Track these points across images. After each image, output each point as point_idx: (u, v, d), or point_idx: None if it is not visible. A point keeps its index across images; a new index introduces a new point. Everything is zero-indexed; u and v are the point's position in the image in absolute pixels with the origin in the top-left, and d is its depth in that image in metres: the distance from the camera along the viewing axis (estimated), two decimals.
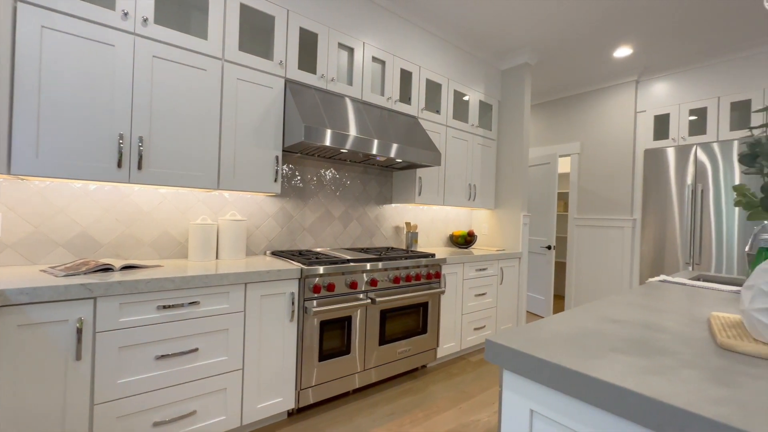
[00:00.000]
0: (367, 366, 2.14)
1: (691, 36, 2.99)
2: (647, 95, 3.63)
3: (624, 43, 3.13)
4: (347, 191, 2.70)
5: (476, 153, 3.28)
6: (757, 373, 0.69)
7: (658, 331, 0.93)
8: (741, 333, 0.89)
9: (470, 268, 2.78)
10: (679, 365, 0.71)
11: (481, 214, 3.63)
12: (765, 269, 0.83)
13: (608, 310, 1.14)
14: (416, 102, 2.75)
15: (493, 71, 3.44)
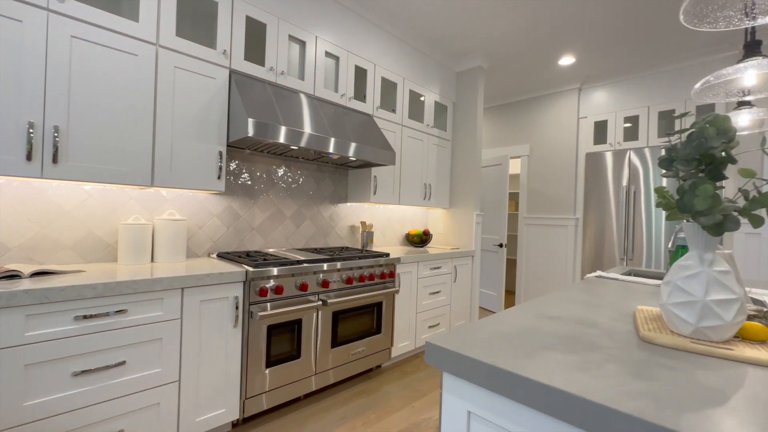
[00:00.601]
0: (319, 369, 2.08)
1: (626, 49, 3.23)
2: (588, 102, 3.88)
3: (568, 53, 3.32)
4: (300, 189, 2.61)
5: (432, 153, 3.32)
6: (672, 365, 0.73)
7: (589, 327, 0.98)
8: (661, 326, 0.95)
9: (425, 267, 2.80)
10: (605, 360, 0.74)
11: (436, 213, 3.68)
12: (680, 266, 0.89)
13: (547, 307, 1.18)
14: (371, 100, 2.73)
15: (448, 73, 3.50)
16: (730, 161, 0.80)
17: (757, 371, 0.72)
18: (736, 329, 0.82)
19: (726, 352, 0.78)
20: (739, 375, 0.69)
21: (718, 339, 0.83)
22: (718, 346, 0.80)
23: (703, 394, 0.60)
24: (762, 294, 1.49)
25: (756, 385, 0.65)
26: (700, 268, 0.85)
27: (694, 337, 0.85)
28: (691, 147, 0.76)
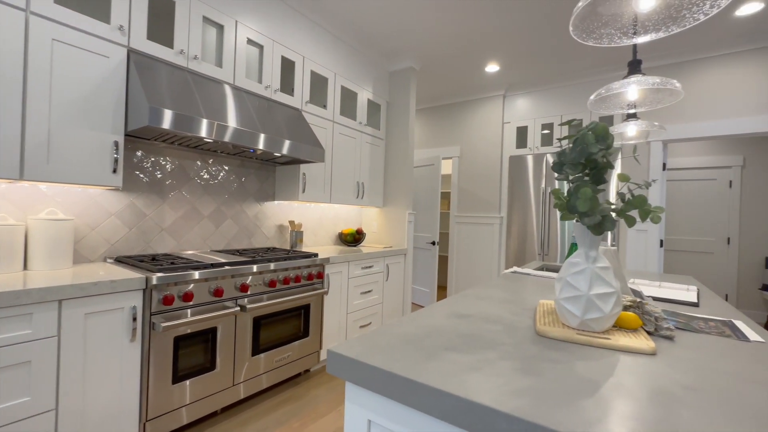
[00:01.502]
0: (238, 380, 1.94)
1: (543, 62, 3.50)
2: (512, 109, 4.16)
3: (493, 61, 3.51)
4: (220, 186, 2.41)
5: (365, 151, 3.30)
6: (557, 357, 0.77)
7: (494, 323, 1.01)
8: (555, 319, 1.02)
9: (356, 267, 2.77)
10: (500, 357, 0.76)
11: (370, 212, 3.67)
12: (571, 263, 0.95)
13: (459, 305, 1.20)
14: (300, 94, 2.61)
15: (382, 72, 3.50)
16: (608, 166, 0.87)
17: (626, 357, 0.79)
18: (614, 320, 0.91)
19: (604, 342, 0.85)
20: (611, 363, 0.75)
21: (600, 329, 0.90)
22: (599, 336, 0.87)
23: (578, 386, 0.64)
24: (644, 284, 1.70)
25: (622, 372, 0.70)
26: (586, 265, 0.92)
27: (581, 329, 0.92)
28: (576, 152, 0.81)
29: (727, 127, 2.99)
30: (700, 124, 3.09)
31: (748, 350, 0.86)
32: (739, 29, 2.81)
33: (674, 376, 0.70)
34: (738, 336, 0.96)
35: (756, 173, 4.42)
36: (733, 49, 2.97)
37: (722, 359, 0.79)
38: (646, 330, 0.96)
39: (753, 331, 1.00)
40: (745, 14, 2.60)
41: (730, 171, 4.54)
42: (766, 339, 0.94)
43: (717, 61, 3.06)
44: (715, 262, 4.61)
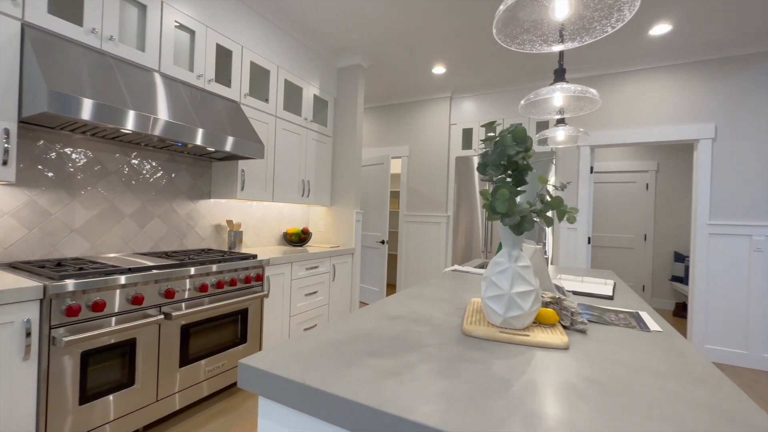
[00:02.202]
0: (163, 395, 1.77)
1: (486, 67, 3.64)
2: (458, 110, 4.28)
3: (439, 63, 3.58)
4: (145, 182, 2.20)
5: (311, 148, 3.20)
6: (478, 357, 0.78)
7: (423, 324, 1.01)
8: (481, 317, 1.04)
9: (300, 267, 2.68)
10: (421, 360, 0.75)
11: (317, 210, 3.58)
12: (495, 262, 0.98)
13: (392, 306, 1.19)
14: (238, 86, 2.46)
15: (329, 67, 3.42)
16: (528, 168, 0.90)
17: (541, 353, 0.82)
18: (533, 317, 0.94)
19: (523, 339, 0.88)
20: (527, 360, 0.78)
21: (521, 326, 0.93)
22: (519, 333, 0.90)
23: (491, 386, 0.64)
24: (569, 279, 1.81)
25: (535, 369, 0.72)
26: (508, 264, 0.94)
27: (503, 327, 0.94)
28: (496, 153, 0.83)
29: (644, 135, 3.32)
30: (622, 131, 3.40)
31: (647, 340, 0.93)
32: (652, 47, 3.13)
33: (581, 369, 0.73)
34: (641, 327, 1.05)
35: (668, 177, 4.97)
36: (649, 65, 3.30)
37: (624, 350, 0.85)
38: (563, 325, 1.01)
39: (654, 322, 1.10)
40: (657, 34, 2.90)
41: (647, 175, 5.06)
42: (663, 328, 1.03)
43: (636, 75, 3.38)
44: (635, 256, 5.12)
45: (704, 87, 3.12)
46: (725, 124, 3.05)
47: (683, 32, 2.86)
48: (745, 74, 2.99)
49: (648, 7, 2.55)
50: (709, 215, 3.08)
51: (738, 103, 3.01)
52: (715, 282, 3.06)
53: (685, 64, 3.19)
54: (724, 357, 3.01)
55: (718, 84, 3.08)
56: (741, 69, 3.01)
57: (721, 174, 3.06)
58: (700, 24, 2.74)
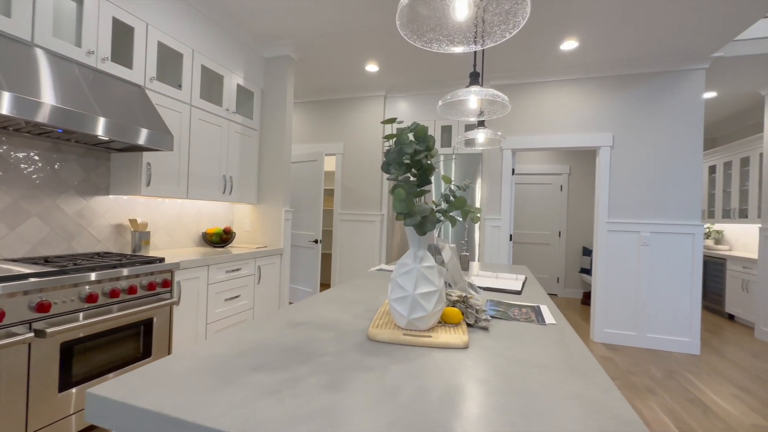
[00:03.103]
0: (35, 426, 1.50)
1: (417, 68, 3.70)
2: (393, 110, 4.31)
3: (372, 61, 3.56)
4: (17, 174, 1.85)
5: (234, 142, 2.98)
6: (375, 364, 0.75)
7: (328, 330, 0.95)
8: (391, 320, 1.02)
9: (219, 270, 2.47)
10: (312, 373, 0.70)
11: (243, 209, 3.36)
12: (401, 263, 0.96)
13: (301, 311, 1.12)
14: (142, 67, 2.18)
15: (255, 57, 3.21)
16: (430, 168, 0.89)
17: (440, 354, 0.81)
18: (437, 317, 0.94)
19: (426, 340, 0.87)
20: (424, 363, 0.76)
21: (425, 327, 0.92)
22: (422, 335, 0.89)
23: (380, 396, 0.61)
24: (486, 276, 1.89)
25: (430, 372, 0.71)
26: (413, 265, 0.92)
27: (408, 329, 0.93)
28: (395, 152, 0.80)
29: (558, 141, 3.63)
30: (540, 137, 3.68)
31: (541, 334, 0.98)
32: (564, 61, 3.43)
33: (474, 369, 0.74)
34: (539, 320, 1.11)
35: (578, 180, 5.54)
36: (562, 77, 3.62)
37: (518, 346, 0.88)
38: (467, 323, 1.03)
39: (551, 315, 1.17)
40: (567, 49, 3.18)
41: (561, 177, 5.59)
42: (557, 321, 1.10)
43: (552, 86, 3.68)
44: (551, 251, 5.63)
45: (605, 100, 3.51)
46: (621, 134, 3.46)
47: (588, 50, 3.18)
48: (637, 91, 3.42)
49: (558, 24, 2.78)
50: (607, 214, 3.47)
51: (631, 116, 3.43)
52: (612, 273, 3.46)
53: (590, 78, 3.56)
54: (619, 339, 3.42)
55: (616, 98, 3.48)
56: (634, 86, 3.43)
57: (617, 178, 3.47)
58: (601, 44, 3.06)
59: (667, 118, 3.34)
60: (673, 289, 3.29)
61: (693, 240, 3.25)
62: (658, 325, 3.33)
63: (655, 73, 3.37)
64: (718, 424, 2.10)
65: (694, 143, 3.27)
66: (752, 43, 3.11)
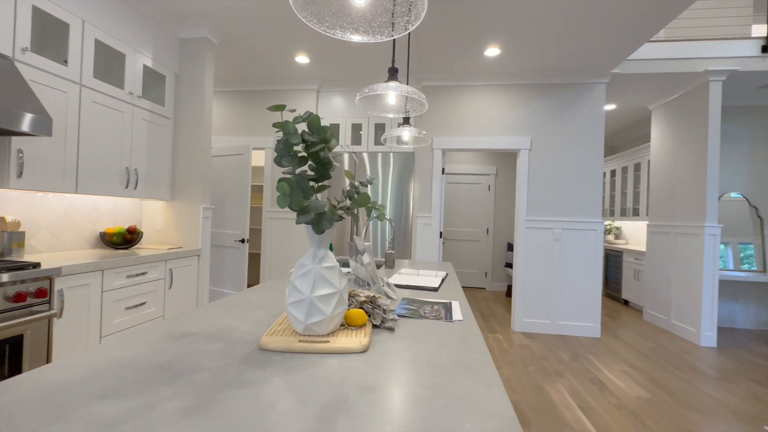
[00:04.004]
0: None
1: (349, 62, 3.64)
2: (326, 104, 4.20)
3: (302, 52, 3.42)
4: None
5: (140, 130, 2.64)
6: (257, 378, 0.67)
7: (216, 341, 0.85)
8: (290, 326, 0.94)
9: (118, 275, 2.17)
10: (173, 396, 0.60)
11: (153, 206, 3.01)
12: (299, 264, 0.89)
13: (193, 320, 0.99)
14: (9, 35, 1.82)
15: (167, 36, 2.89)
16: (328, 162, 0.83)
17: (335, 361, 0.76)
18: (337, 320, 0.88)
19: (321, 346, 0.81)
20: (314, 372, 0.70)
21: (324, 332, 0.86)
22: (319, 340, 0.83)
23: (248, 416, 0.53)
24: (408, 273, 1.90)
25: (316, 383, 0.65)
26: (311, 266, 0.86)
27: (306, 334, 0.86)
28: (282, 142, 0.73)
29: (485, 143, 3.82)
30: (469, 138, 3.84)
31: (446, 331, 0.98)
32: (489, 67, 3.61)
33: (366, 375, 0.69)
34: (447, 317, 1.11)
35: (504, 180, 5.92)
36: (488, 81, 3.81)
37: (421, 345, 0.87)
38: (374, 324, 1.00)
39: (459, 311, 1.19)
40: (491, 55, 3.35)
41: (489, 177, 5.93)
42: (464, 317, 1.12)
43: (480, 90, 3.86)
44: (480, 247, 5.95)
45: (525, 105, 3.77)
46: (538, 138, 3.74)
47: (509, 57, 3.38)
48: (552, 99, 3.73)
49: (482, 30, 2.90)
50: (526, 212, 3.74)
51: (546, 122, 3.73)
52: (530, 267, 3.74)
53: (513, 85, 3.79)
54: (536, 327, 3.71)
55: (534, 104, 3.76)
56: (549, 94, 3.73)
57: (534, 179, 3.75)
58: (520, 53, 3.27)
59: (575, 126, 3.69)
60: (579, 280, 3.66)
61: (595, 236, 3.63)
62: (567, 313, 3.67)
63: (566, 84, 3.70)
64: (611, 399, 2.36)
65: (596, 149, 3.66)
66: (641, 63, 3.56)
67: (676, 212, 3.92)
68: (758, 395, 2.48)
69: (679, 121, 3.94)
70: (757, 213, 4.16)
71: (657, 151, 4.32)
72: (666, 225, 4.06)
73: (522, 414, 2.13)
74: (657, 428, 2.04)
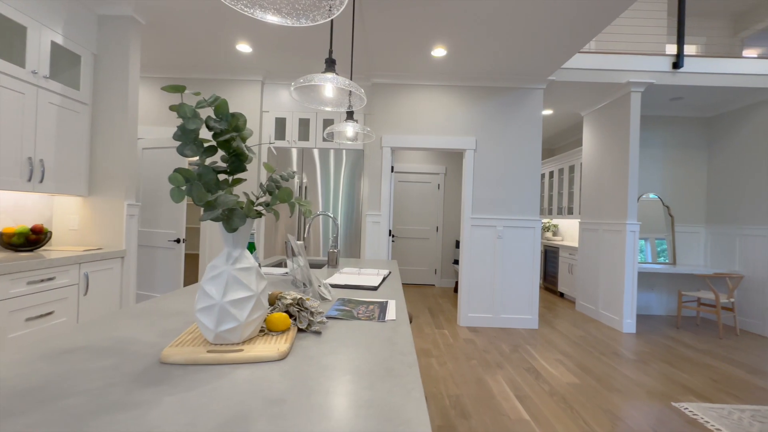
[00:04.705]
0: None
1: (294, 54, 3.50)
2: (272, 97, 4.01)
3: (244, 40, 3.22)
4: None
5: (47, 115, 2.32)
6: (144, 399, 0.57)
7: (108, 356, 0.74)
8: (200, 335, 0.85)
9: (15, 282, 1.88)
10: (31, 427, 0.50)
11: (67, 202, 2.67)
12: (211, 266, 0.80)
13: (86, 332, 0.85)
14: None
15: (82, 11, 2.56)
16: (241, 152, 0.75)
17: (245, 372, 0.69)
18: (255, 326, 0.81)
19: (233, 356, 0.73)
20: (219, 386, 0.63)
21: (239, 340, 0.79)
22: (231, 350, 0.75)
23: None
24: (349, 272, 1.85)
25: (217, 400, 0.57)
26: (224, 267, 0.78)
27: (218, 343, 0.78)
28: (180, 128, 0.64)
29: (434, 142, 3.88)
30: (418, 137, 3.88)
31: (375, 332, 0.95)
32: (437, 67, 3.67)
33: (278, 386, 0.63)
34: (380, 318, 1.08)
35: (452, 179, 6.08)
36: (437, 82, 3.87)
37: (345, 349, 0.82)
38: (300, 328, 0.93)
39: (394, 310, 1.16)
40: (438, 56, 3.40)
41: (438, 177, 6.07)
42: (397, 317, 1.09)
43: (429, 89, 3.90)
44: (430, 245, 6.07)
45: (471, 107, 3.89)
46: (482, 139, 3.88)
47: (455, 59, 3.45)
48: (495, 101, 3.88)
49: (429, 30, 2.93)
50: (471, 210, 3.87)
51: (490, 123, 3.88)
52: (474, 263, 3.87)
53: (460, 86, 3.89)
54: (480, 321, 3.85)
55: (479, 106, 3.88)
56: (493, 97, 3.88)
57: (479, 178, 3.88)
58: (465, 55, 3.36)
59: (516, 128, 3.87)
60: (519, 275, 3.85)
61: (533, 233, 3.85)
62: (508, 307, 3.86)
63: (508, 88, 3.87)
64: (545, 387, 2.50)
65: (534, 151, 3.87)
66: (574, 72, 3.82)
67: (603, 211, 4.28)
68: (668, 375, 2.77)
69: (606, 127, 4.30)
70: (668, 212, 4.67)
71: (588, 155, 4.68)
72: (595, 222, 4.42)
73: (463, 407, 2.18)
74: (583, 411, 2.19)
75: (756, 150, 4.08)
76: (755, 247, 4.03)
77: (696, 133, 4.69)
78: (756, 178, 4.06)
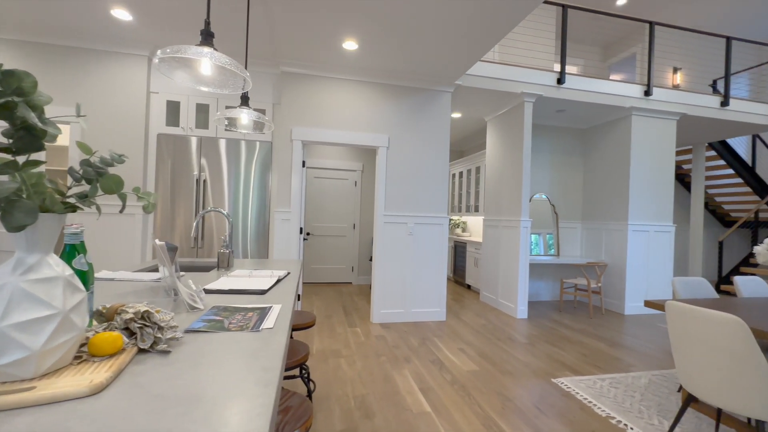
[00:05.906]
0: None
1: (187, 30, 3.10)
2: (161, 77, 3.51)
3: (119, 5, 2.73)
4: None
5: None
6: None
7: None
8: None
9: None
10: None
11: None
12: None
13: None
14: None
15: None
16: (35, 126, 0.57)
17: (30, 417, 0.52)
18: (61, 353, 0.62)
19: (18, 397, 0.55)
20: None
21: (32, 374, 0.59)
22: (13, 389, 0.56)
23: None
24: (239, 275, 1.67)
25: None
26: (8, 279, 0.58)
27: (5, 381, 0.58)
28: None
29: (347, 138, 3.79)
30: (332, 131, 3.75)
31: (242, 345, 0.82)
32: (349, 61, 3.59)
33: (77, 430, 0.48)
34: (256, 326, 0.95)
35: (369, 176, 6.10)
36: (350, 76, 3.78)
37: (193, 370, 0.68)
38: (141, 348, 0.76)
39: (274, 318, 1.04)
40: (349, 49, 3.32)
41: (355, 173, 6.03)
42: (275, 325, 0.98)
43: (342, 83, 3.79)
44: (347, 242, 6.01)
45: (384, 104, 3.90)
46: (395, 137, 3.93)
47: (367, 54, 3.42)
48: (407, 101, 3.95)
49: (338, 21, 2.83)
50: (384, 207, 3.89)
51: (402, 122, 3.94)
52: (387, 259, 3.90)
53: (373, 83, 3.87)
54: (392, 317, 3.91)
55: (392, 104, 3.92)
56: (405, 96, 3.95)
57: (392, 176, 3.92)
58: (375, 51, 3.34)
59: (427, 129, 4.01)
60: (428, 269, 4.01)
61: (441, 229, 4.03)
62: (418, 301, 3.98)
63: (419, 89, 3.98)
64: (447, 377, 2.61)
65: (442, 151, 4.06)
66: (479, 79, 4.09)
67: (503, 208, 4.69)
68: (551, 355, 3.13)
69: (505, 132, 4.71)
70: (554, 210, 5.33)
71: (490, 157, 5.09)
72: (495, 219, 4.82)
73: (368, 407, 2.15)
74: (480, 397, 2.33)
75: (615, 159, 4.88)
76: (615, 239, 4.82)
77: (575, 141, 5.43)
78: (615, 182, 4.85)
